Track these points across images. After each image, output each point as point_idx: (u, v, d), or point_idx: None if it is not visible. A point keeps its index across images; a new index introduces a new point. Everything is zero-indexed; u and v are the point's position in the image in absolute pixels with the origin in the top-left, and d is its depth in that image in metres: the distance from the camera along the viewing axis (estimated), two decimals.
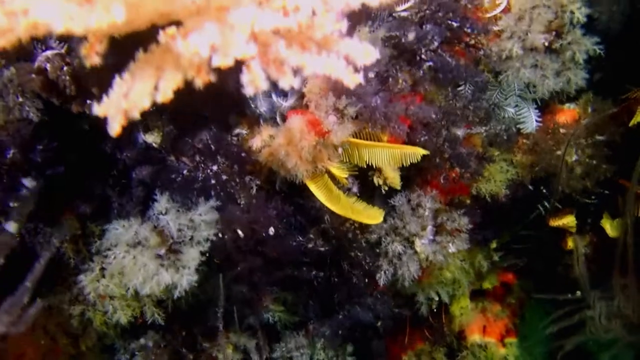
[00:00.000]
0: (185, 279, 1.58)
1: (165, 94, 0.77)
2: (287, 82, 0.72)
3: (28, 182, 1.50)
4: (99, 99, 0.82)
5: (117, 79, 0.80)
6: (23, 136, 1.45)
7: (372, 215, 1.78)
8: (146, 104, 0.78)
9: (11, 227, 1.57)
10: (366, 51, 0.77)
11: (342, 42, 0.82)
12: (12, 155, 1.46)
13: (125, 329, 2.15)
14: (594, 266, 2.20)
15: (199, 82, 0.73)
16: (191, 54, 0.67)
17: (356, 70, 0.76)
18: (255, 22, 0.67)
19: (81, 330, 2.16)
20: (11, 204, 1.51)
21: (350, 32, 1.67)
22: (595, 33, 1.67)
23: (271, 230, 1.71)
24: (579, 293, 2.12)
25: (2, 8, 0.57)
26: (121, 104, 0.77)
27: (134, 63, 0.80)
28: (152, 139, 1.80)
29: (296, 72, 0.75)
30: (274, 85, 0.81)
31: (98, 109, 0.79)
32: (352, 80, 0.75)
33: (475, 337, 2.71)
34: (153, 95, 0.78)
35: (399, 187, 1.79)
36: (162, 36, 0.75)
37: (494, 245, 2.37)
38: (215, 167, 1.86)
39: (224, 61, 0.69)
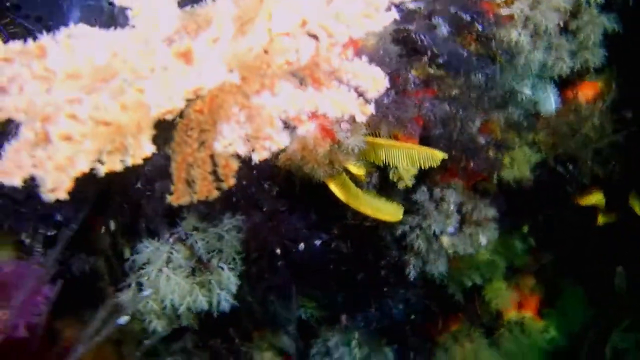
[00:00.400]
0: (224, 302, 1.64)
1: (229, 183, 0.90)
2: (304, 129, 0.73)
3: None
4: None
5: (172, 166, 0.92)
6: None
7: (391, 213, 1.77)
8: (215, 195, 0.91)
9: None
10: (375, 80, 0.76)
11: (351, 67, 0.82)
12: None
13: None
14: (623, 240, 2.16)
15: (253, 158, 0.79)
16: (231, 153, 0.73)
17: (367, 101, 0.75)
18: (281, 113, 0.71)
19: (122, 337, 2.25)
20: (49, 233, 1.56)
21: None
22: (610, 10, 1.60)
23: (301, 246, 1.73)
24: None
25: (53, 163, 0.64)
26: (192, 196, 0.92)
27: (176, 132, 0.88)
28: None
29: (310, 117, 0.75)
30: None
31: (172, 201, 0.96)
32: (364, 112, 0.74)
33: (511, 315, 2.67)
34: (216, 185, 0.90)
35: (410, 185, 1.76)
36: (190, 113, 0.79)
37: (525, 229, 2.33)
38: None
39: (262, 156, 0.73)
